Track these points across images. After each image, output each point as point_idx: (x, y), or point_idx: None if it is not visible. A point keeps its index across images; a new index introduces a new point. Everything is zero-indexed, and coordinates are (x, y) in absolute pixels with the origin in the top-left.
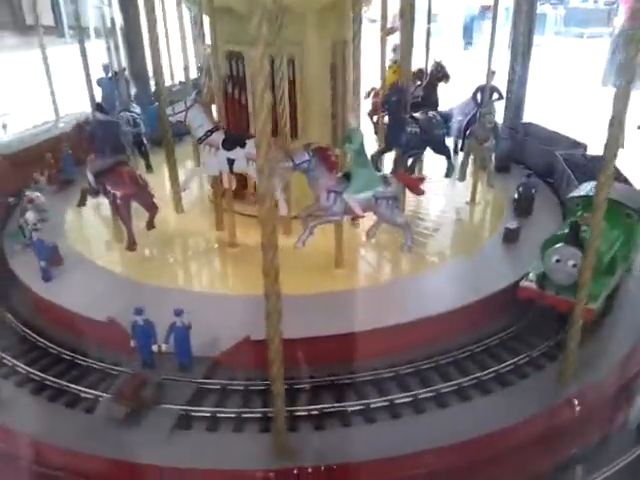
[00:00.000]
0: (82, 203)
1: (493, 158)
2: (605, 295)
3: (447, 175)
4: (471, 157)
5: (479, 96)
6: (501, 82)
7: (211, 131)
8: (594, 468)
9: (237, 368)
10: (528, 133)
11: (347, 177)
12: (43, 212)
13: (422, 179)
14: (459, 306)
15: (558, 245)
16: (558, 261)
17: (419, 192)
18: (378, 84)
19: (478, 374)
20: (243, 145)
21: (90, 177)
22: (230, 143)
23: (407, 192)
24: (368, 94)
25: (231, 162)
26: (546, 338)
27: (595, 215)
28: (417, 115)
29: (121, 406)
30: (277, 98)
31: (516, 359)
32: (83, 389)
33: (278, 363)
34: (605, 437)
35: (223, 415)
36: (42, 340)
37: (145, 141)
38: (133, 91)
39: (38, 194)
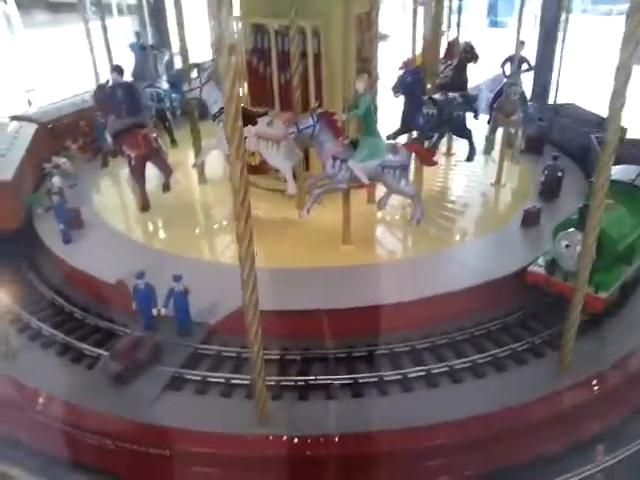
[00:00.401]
0: (105, 164)
1: (520, 133)
2: (619, 285)
3: (468, 159)
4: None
5: (508, 67)
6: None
7: (223, 109)
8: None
9: (233, 335)
10: (565, 114)
11: (354, 145)
12: (71, 178)
13: (433, 151)
14: (459, 288)
15: (568, 230)
16: (567, 246)
17: (430, 163)
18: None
19: (474, 357)
20: (254, 123)
21: (108, 138)
22: (242, 121)
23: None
24: (405, 65)
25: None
26: (551, 324)
27: (594, 198)
28: (435, 96)
29: (116, 364)
30: (292, 70)
31: (515, 345)
32: (86, 346)
33: (255, 328)
34: (624, 419)
35: (214, 380)
36: (58, 298)
37: (169, 116)
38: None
39: (65, 160)
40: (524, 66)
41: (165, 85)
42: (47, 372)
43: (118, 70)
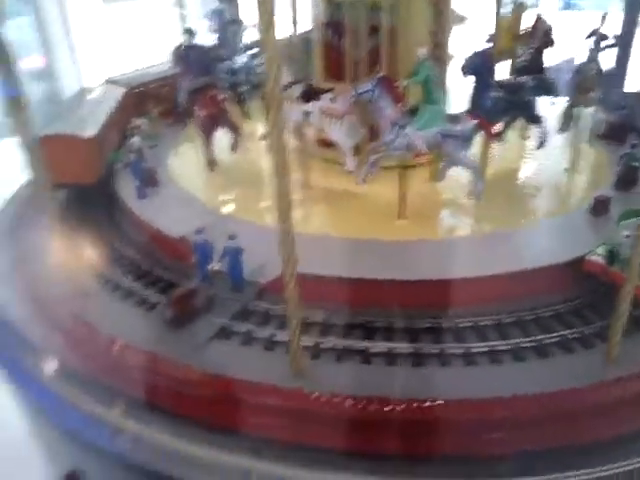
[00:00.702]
0: (181, 124)
1: (598, 113)
2: None
3: (538, 146)
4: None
5: (591, 41)
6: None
7: (291, 83)
8: None
9: (281, 296)
10: None
11: (414, 112)
12: (152, 139)
13: (496, 124)
14: (514, 270)
15: (630, 220)
16: (628, 236)
17: (492, 136)
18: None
19: (518, 340)
20: (318, 99)
21: (183, 96)
22: (307, 96)
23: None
24: (491, 38)
25: (306, 114)
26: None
27: None
28: (505, 80)
29: (171, 310)
30: (365, 44)
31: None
32: (149, 293)
33: (292, 287)
34: None
35: (258, 335)
36: (129, 249)
37: (243, 90)
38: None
39: (145, 121)
40: (606, 42)
41: (242, 59)
42: (115, 315)
43: (189, 33)
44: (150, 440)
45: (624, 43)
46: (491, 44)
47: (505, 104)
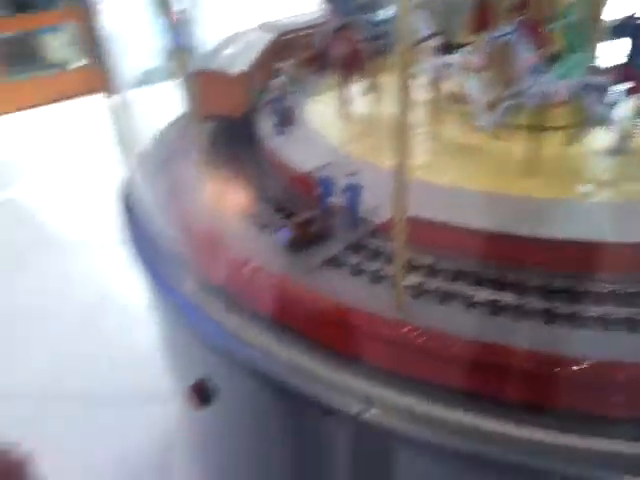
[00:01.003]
0: (324, 73)
1: None
2: None
3: None
4: None
5: None
6: None
7: (431, 36)
8: None
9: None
10: None
11: (555, 59)
12: (295, 84)
13: None
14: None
15: None
16: None
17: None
18: None
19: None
20: (455, 52)
21: (324, 35)
22: (443, 50)
23: None
24: None
25: (444, 67)
26: None
27: None
28: None
29: (290, 233)
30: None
31: None
32: (274, 218)
33: (400, 229)
34: None
35: (367, 268)
36: (264, 181)
37: (383, 43)
38: None
39: (289, 64)
40: None
41: (386, 12)
42: (244, 238)
43: None
44: (279, 354)
45: None
46: None
47: None
